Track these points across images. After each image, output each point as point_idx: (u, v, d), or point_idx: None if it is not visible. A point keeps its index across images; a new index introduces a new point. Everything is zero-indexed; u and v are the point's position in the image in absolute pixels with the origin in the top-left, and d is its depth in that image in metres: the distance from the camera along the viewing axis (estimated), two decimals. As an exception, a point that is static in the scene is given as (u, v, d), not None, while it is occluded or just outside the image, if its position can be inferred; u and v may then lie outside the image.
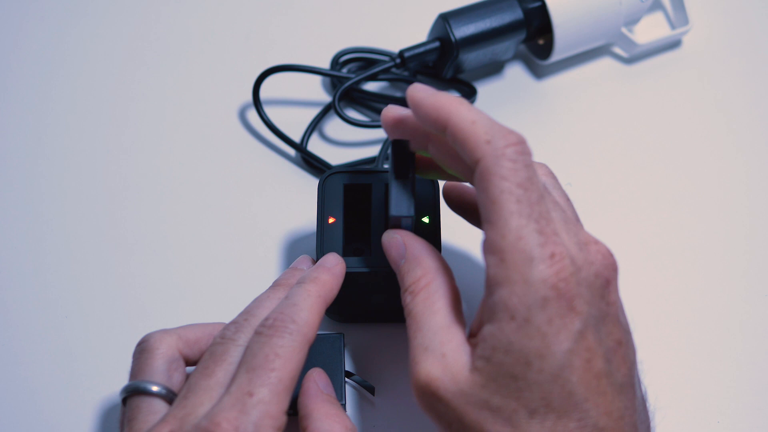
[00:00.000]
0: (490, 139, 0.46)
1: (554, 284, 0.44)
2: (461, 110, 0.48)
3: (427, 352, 0.46)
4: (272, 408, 0.46)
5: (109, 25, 0.73)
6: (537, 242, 0.45)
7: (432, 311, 0.48)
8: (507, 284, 0.45)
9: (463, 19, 0.66)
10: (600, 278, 0.46)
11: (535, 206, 0.45)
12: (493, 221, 0.45)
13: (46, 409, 0.58)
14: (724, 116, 0.69)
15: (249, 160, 0.67)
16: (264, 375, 0.47)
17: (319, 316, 0.50)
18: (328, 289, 0.52)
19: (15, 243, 0.63)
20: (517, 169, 0.45)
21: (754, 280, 0.63)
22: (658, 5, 0.73)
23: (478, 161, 0.46)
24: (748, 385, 0.59)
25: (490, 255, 0.45)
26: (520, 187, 0.45)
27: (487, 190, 0.46)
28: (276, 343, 0.48)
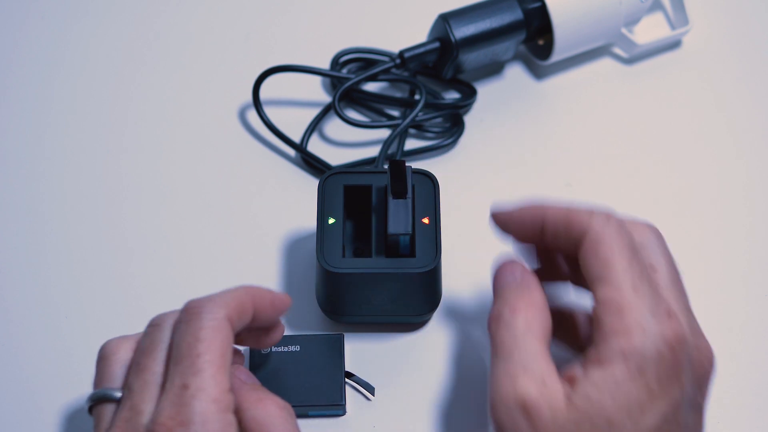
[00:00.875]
0: (591, 212, 0.50)
1: (670, 342, 0.46)
2: (551, 204, 0.52)
3: (527, 373, 0.47)
4: (212, 392, 0.45)
5: (109, 25, 0.73)
6: (653, 297, 0.47)
7: (534, 335, 0.48)
8: (625, 333, 0.46)
9: (463, 19, 0.66)
10: (702, 368, 0.48)
11: (644, 270, 0.48)
12: (608, 279, 0.47)
13: (46, 409, 0.58)
14: (724, 116, 0.69)
15: (249, 160, 0.67)
16: (192, 363, 0.46)
17: (239, 302, 0.48)
18: (259, 293, 0.50)
19: (15, 243, 0.63)
20: (622, 235, 0.49)
21: (754, 280, 0.63)
22: (658, 5, 0.73)
23: (585, 233, 0.49)
24: (748, 385, 0.59)
25: (606, 309, 0.47)
26: (629, 249, 0.48)
27: (598, 253, 0.48)
28: (195, 327, 0.47)
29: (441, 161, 0.67)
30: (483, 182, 0.66)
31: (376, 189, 0.59)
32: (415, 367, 0.59)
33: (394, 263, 0.56)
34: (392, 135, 0.65)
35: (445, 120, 0.69)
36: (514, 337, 0.48)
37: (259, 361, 0.57)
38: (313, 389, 0.56)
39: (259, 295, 0.50)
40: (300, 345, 0.57)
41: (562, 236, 0.50)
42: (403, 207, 0.56)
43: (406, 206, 0.56)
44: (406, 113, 0.68)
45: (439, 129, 0.68)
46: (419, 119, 0.67)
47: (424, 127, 0.68)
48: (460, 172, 0.66)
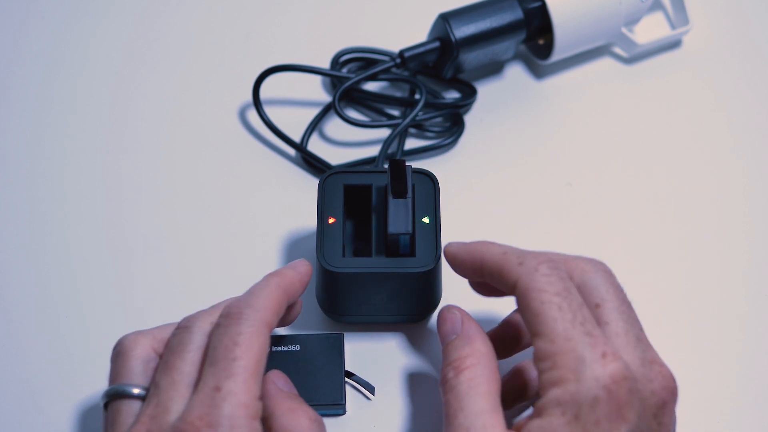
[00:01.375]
0: (522, 261, 0.50)
1: (606, 385, 0.46)
2: (492, 247, 0.52)
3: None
4: (243, 397, 0.46)
5: (109, 25, 0.73)
6: (586, 342, 0.46)
7: (477, 393, 0.48)
8: (560, 384, 0.46)
9: (463, 19, 0.66)
10: (656, 397, 0.48)
11: (577, 312, 0.47)
12: (540, 331, 0.47)
13: (46, 408, 0.58)
14: (724, 116, 0.69)
15: (249, 160, 0.67)
16: (227, 366, 0.46)
17: (277, 302, 0.50)
18: (289, 282, 0.51)
19: (15, 243, 0.63)
20: (552, 281, 0.48)
21: (754, 280, 0.63)
22: (658, 5, 0.73)
23: (516, 283, 0.49)
24: (748, 385, 0.59)
25: (542, 362, 0.47)
26: (559, 296, 0.48)
27: (529, 305, 0.48)
28: (233, 332, 0.47)
29: (441, 161, 0.67)
30: (483, 182, 0.66)
31: (376, 188, 0.59)
32: (415, 367, 0.59)
33: (394, 263, 0.56)
34: (392, 134, 0.65)
35: (445, 119, 0.68)
36: (458, 399, 0.48)
37: None
38: (313, 389, 0.56)
39: (290, 283, 0.51)
40: (300, 345, 0.57)
41: (497, 282, 0.51)
42: (403, 207, 0.56)
43: (406, 206, 0.56)
44: (406, 113, 0.67)
45: (439, 128, 0.68)
46: (419, 119, 0.67)
47: (424, 126, 0.68)
48: (460, 171, 0.66)
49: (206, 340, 0.49)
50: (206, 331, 0.49)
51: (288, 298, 0.51)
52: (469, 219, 0.64)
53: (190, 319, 0.50)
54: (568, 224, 0.64)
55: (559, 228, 0.64)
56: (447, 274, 0.60)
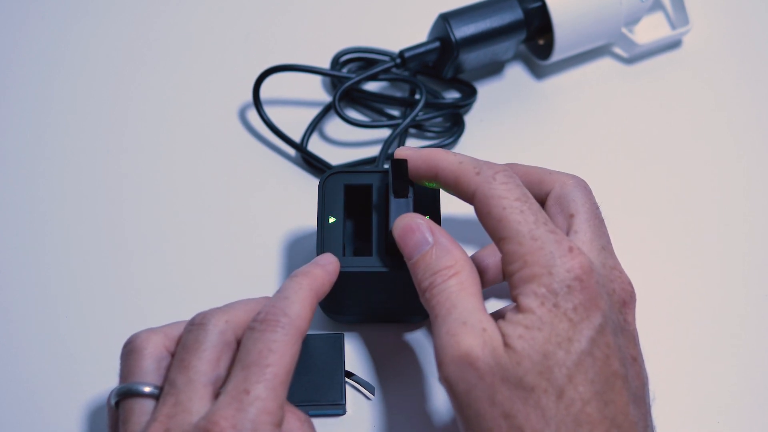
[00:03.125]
0: (479, 171, 0.51)
1: (577, 275, 0.48)
2: (447, 156, 0.53)
3: (467, 326, 0.48)
4: (269, 404, 0.46)
5: (109, 25, 0.73)
6: (552, 239, 0.48)
7: (468, 293, 0.49)
8: (534, 279, 0.48)
9: (464, 19, 0.66)
10: (617, 295, 0.50)
11: (538, 214, 0.49)
12: (506, 236, 0.49)
13: (46, 408, 0.58)
14: (724, 116, 0.69)
15: (249, 160, 0.67)
16: (259, 371, 0.47)
17: (311, 309, 0.50)
18: (320, 284, 0.52)
19: (15, 243, 0.63)
20: (510, 188, 0.50)
21: (754, 280, 0.63)
22: (659, 5, 0.73)
23: (474, 192, 0.51)
24: (748, 385, 0.59)
25: (513, 264, 0.49)
26: (519, 201, 0.50)
27: (491, 212, 0.50)
28: (269, 338, 0.48)
29: (441, 161, 0.67)
30: (483, 182, 0.66)
31: (377, 188, 0.59)
32: (415, 367, 0.59)
33: (394, 262, 0.56)
34: (392, 134, 0.65)
35: (445, 119, 0.69)
36: (449, 299, 0.49)
37: None
38: (313, 388, 0.56)
39: (321, 285, 0.52)
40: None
41: (454, 192, 0.53)
42: (404, 206, 0.56)
43: (407, 205, 0.56)
44: (407, 113, 0.68)
45: (439, 128, 0.68)
46: (419, 119, 0.67)
47: (424, 126, 0.68)
48: (461, 171, 0.66)
49: (222, 338, 0.49)
50: (222, 329, 0.49)
51: (318, 299, 0.52)
52: (469, 219, 0.64)
53: (205, 317, 0.50)
54: (568, 224, 0.64)
55: (559, 228, 0.64)
56: (447, 274, 0.60)
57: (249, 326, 0.49)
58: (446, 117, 0.68)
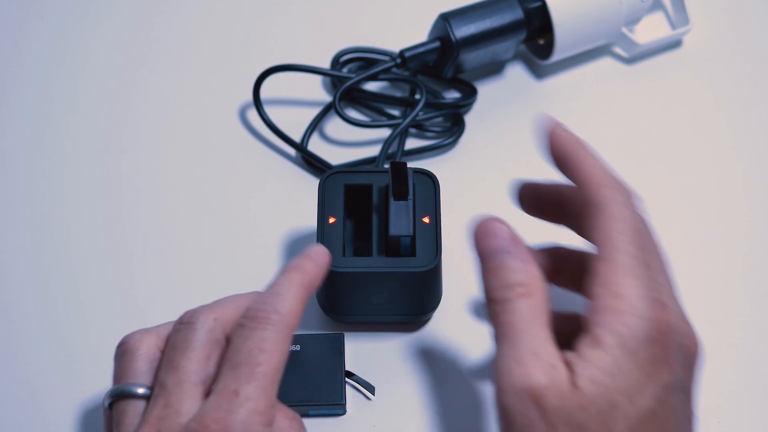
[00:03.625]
0: (611, 185, 0.49)
1: (660, 329, 0.46)
2: (588, 152, 0.51)
3: (536, 358, 0.46)
4: (260, 404, 0.46)
5: (109, 25, 0.73)
6: (651, 286, 0.47)
7: (540, 320, 0.48)
8: (618, 314, 0.46)
9: (464, 18, 0.66)
10: (689, 353, 0.48)
11: (647, 254, 0.48)
12: (608, 258, 0.47)
13: (46, 408, 0.57)
14: (724, 116, 0.69)
15: (249, 160, 0.67)
16: (249, 371, 0.46)
17: (302, 305, 0.49)
18: (311, 278, 0.50)
19: (15, 243, 0.63)
20: (633, 216, 0.48)
21: (754, 280, 0.63)
22: (659, 5, 0.73)
23: (597, 202, 0.49)
24: (748, 385, 0.59)
25: (602, 287, 0.47)
26: (636, 233, 0.48)
27: (604, 228, 0.48)
28: (259, 336, 0.47)
29: (441, 161, 0.67)
30: (483, 182, 0.66)
31: (377, 188, 0.59)
32: (415, 367, 0.59)
33: (394, 262, 0.56)
34: (393, 134, 0.65)
35: (445, 119, 0.69)
36: (522, 321, 0.47)
37: None
38: (313, 388, 0.56)
39: (312, 279, 0.51)
40: (300, 344, 0.57)
41: (566, 191, 0.51)
42: (404, 209, 0.56)
43: (407, 208, 0.56)
44: (407, 113, 0.68)
45: (439, 128, 0.68)
46: (420, 119, 0.67)
47: (424, 126, 0.68)
48: (460, 171, 0.66)
49: (210, 336, 0.48)
50: (210, 327, 0.49)
51: (309, 294, 0.50)
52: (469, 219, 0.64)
53: (192, 315, 0.49)
54: (569, 224, 0.64)
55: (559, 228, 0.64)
56: (447, 274, 0.60)
57: (239, 323, 0.48)
58: (446, 117, 0.68)
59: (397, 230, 0.56)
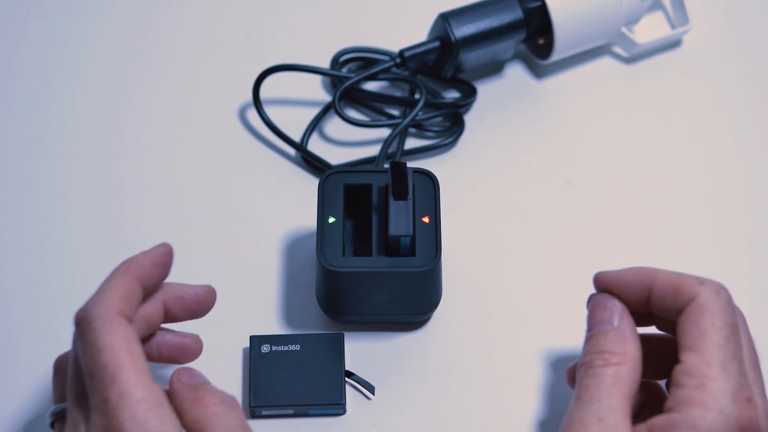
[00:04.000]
0: (703, 282, 0.50)
1: (743, 428, 0.46)
2: (659, 270, 0.51)
3: (600, 424, 0.47)
4: (134, 393, 0.44)
5: (109, 25, 0.73)
6: (739, 382, 0.47)
7: (618, 389, 0.48)
8: (702, 407, 0.46)
9: (463, 18, 0.66)
10: None
11: (738, 351, 0.48)
12: (700, 349, 0.48)
13: (46, 408, 0.57)
14: (724, 116, 0.69)
15: (249, 160, 0.67)
16: (102, 375, 0.44)
17: (123, 289, 0.47)
18: (138, 266, 0.49)
19: (15, 243, 0.63)
20: (727, 311, 0.49)
21: (754, 280, 0.63)
22: (659, 5, 0.73)
23: (693, 299, 0.49)
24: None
25: (690, 378, 0.47)
26: (729, 327, 0.48)
27: (699, 322, 0.48)
28: (91, 337, 0.45)
29: (441, 161, 0.67)
30: (483, 182, 0.66)
31: (377, 188, 0.59)
32: (415, 367, 0.59)
33: (394, 262, 0.56)
34: (392, 134, 0.65)
35: (445, 119, 0.68)
36: (599, 387, 0.48)
37: (259, 361, 0.57)
38: (313, 388, 0.56)
39: (139, 266, 0.49)
40: (300, 344, 0.57)
41: (668, 301, 0.50)
42: (404, 209, 0.56)
43: (407, 208, 0.56)
44: (406, 112, 0.67)
45: (439, 128, 0.68)
46: (419, 118, 0.67)
47: (424, 126, 0.68)
48: (460, 171, 0.66)
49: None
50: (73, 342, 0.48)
51: (140, 280, 0.49)
52: (469, 219, 0.64)
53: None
54: (568, 224, 0.64)
55: (559, 228, 0.64)
56: (447, 274, 0.60)
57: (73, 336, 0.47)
58: (446, 116, 0.68)
59: (397, 230, 0.56)
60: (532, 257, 0.63)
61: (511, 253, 0.63)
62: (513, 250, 0.63)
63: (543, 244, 0.63)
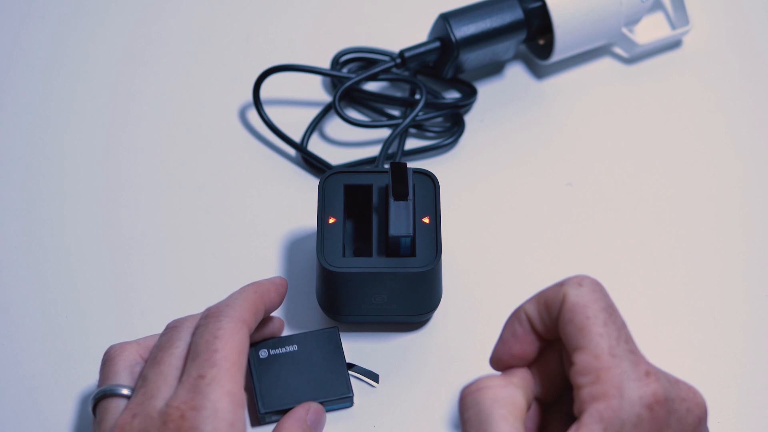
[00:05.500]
0: (562, 282, 0.49)
1: (649, 404, 0.45)
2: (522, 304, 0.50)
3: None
4: (227, 385, 0.48)
5: (109, 24, 0.73)
6: (631, 360, 0.46)
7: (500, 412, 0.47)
8: (603, 399, 0.45)
9: (464, 19, 0.66)
10: (692, 415, 0.48)
11: (621, 330, 0.47)
12: (584, 345, 0.47)
13: (46, 408, 0.57)
14: (724, 116, 0.69)
15: (249, 160, 0.67)
16: (209, 357, 0.48)
17: (253, 304, 0.52)
18: (265, 289, 0.54)
19: (15, 243, 0.63)
20: (596, 298, 0.48)
21: (753, 280, 0.63)
22: (659, 5, 0.73)
23: (561, 303, 0.48)
24: (748, 385, 0.59)
25: (584, 376, 0.46)
26: (604, 312, 0.47)
27: (573, 319, 0.47)
28: (213, 327, 0.50)
29: (441, 161, 0.67)
30: (483, 182, 0.66)
31: (377, 188, 0.59)
32: (415, 366, 0.59)
33: (394, 263, 0.56)
34: (393, 134, 0.65)
35: (445, 120, 0.68)
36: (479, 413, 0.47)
37: (260, 367, 0.56)
38: (319, 386, 0.56)
39: (266, 290, 0.54)
40: (297, 344, 0.57)
41: (548, 319, 0.49)
42: (404, 209, 0.56)
43: (407, 208, 0.56)
44: (407, 113, 0.67)
45: (439, 129, 0.68)
46: (419, 119, 0.67)
47: (424, 126, 0.68)
48: (460, 172, 0.66)
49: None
50: (193, 330, 0.51)
51: (264, 303, 0.53)
52: (469, 219, 0.64)
53: (178, 320, 0.52)
54: (568, 224, 0.64)
55: (559, 228, 0.64)
56: (447, 274, 0.60)
57: (197, 325, 0.51)
58: (446, 117, 0.68)
59: (397, 230, 0.56)
60: (532, 257, 0.63)
61: (511, 254, 0.63)
62: (513, 251, 0.63)
63: (543, 245, 0.63)
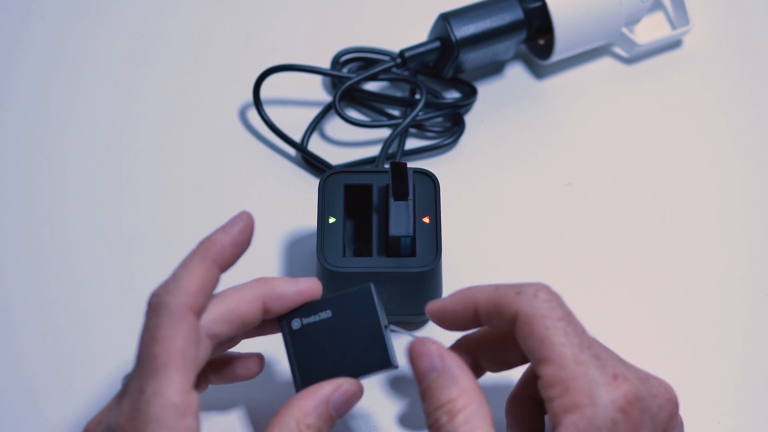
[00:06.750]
0: (519, 291, 0.48)
1: (622, 407, 0.45)
2: (480, 288, 0.49)
3: None
4: (169, 396, 0.44)
5: (109, 25, 0.73)
6: (596, 365, 0.45)
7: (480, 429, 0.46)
8: (575, 409, 0.45)
9: (464, 18, 0.66)
10: (664, 411, 0.47)
11: (583, 336, 0.46)
12: (547, 357, 0.46)
13: (46, 408, 0.58)
14: (724, 116, 0.69)
15: (249, 160, 0.67)
16: (148, 364, 0.44)
17: (200, 279, 0.47)
18: (217, 249, 0.48)
19: (15, 243, 0.63)
20: (553, 307, 0.47)
21: (753, 280, 0.63)
22: (659, 5, 0.73)
23: (516, 314, 0.47)
24: (748, 385, 0.59)
25: (552, 389, 0.46)
26: (563, 320, 0.46)
27: (533, 333, 0.46)
28: (152, 325, 0.45)
29: (441, 161, 0.67)
30: (483, 182, 0.66)
31: (377, 188, 0.59)
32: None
33: (394, 263, 0.56)
34: (393, 134, 0.65)
35: (445, 119, 0.69)
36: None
37: (295, 340, 0.51)
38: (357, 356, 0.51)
39: (219, 249, 0.48)
40: (331, 309, 0.52)
41: (495, 320, 0.49)
42: (404, 209, 0.56)
43: (407, 208, 0.56)
44: (407, 113, 0.68)
45: (439, 128, 0.68)
46: (420, 119, 0.67)
47: (424, 126, 0.68)
48: (460, 171, 0.66)
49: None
50: None
51: (220, 266, 0.48)
52: (469, 219, 0.64)
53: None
54: (568, 224, 0.64)
55: (560, 228, 0.64)
56: (447, 274, 0.60)
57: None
58: (446, 117, 0.68)
59: (397, 230, 0.56)
60: (532, 257, 0.63)
61: (511, 254, 0.63)
62: (513, 251, 0.63)
63: (543, 245, 0.63)
